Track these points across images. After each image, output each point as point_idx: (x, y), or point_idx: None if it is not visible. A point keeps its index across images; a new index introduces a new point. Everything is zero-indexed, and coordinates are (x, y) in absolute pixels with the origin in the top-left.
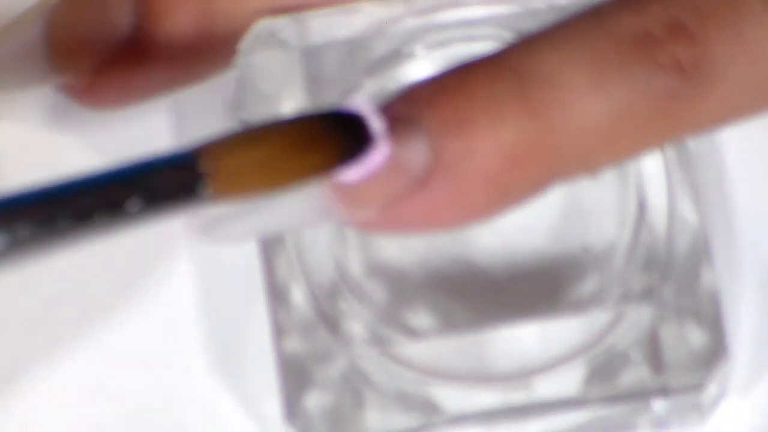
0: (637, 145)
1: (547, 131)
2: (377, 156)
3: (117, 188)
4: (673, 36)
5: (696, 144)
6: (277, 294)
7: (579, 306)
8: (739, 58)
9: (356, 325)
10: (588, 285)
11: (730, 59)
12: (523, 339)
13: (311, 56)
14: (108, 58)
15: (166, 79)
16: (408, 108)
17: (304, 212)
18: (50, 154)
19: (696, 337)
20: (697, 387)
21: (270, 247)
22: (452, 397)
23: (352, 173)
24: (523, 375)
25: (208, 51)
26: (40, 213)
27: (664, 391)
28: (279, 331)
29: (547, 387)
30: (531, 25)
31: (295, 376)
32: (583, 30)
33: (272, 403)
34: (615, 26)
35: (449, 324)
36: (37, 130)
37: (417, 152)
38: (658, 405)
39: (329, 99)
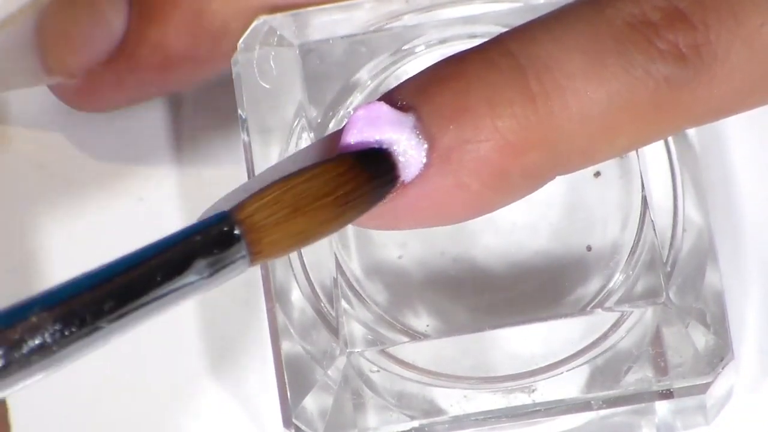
0: (637, 133)
1: (546, 118)
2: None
3: (163, 265)
4: (672, 22)
5: (701, 143)
6: (276, 294)
7: (582, 306)
8: (737, 44)
9: (356, 325)
10: (591, 285)
11: (728, 46)
12: (526, 340)
13: (311, 53)
14: (100, 60)
15: (159, 80)
16: (402, 96)
17: None
18: (47, 152)
19: (701, 337)
20: (702, 388)
21: None
22: (453, 398)
23: None
24: (525, 376)
25: (203, 52)
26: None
27: (668, 393)
28: (279, 332)
29: (549, 388)
30: None
31: (295, 377)
32: (580, 17)
33: (272, 404)
34: (612, 12)
35: (450, 324)
36: (31, 128)
37: (408, 136)
38: (662, 407)
39: (329, 96)
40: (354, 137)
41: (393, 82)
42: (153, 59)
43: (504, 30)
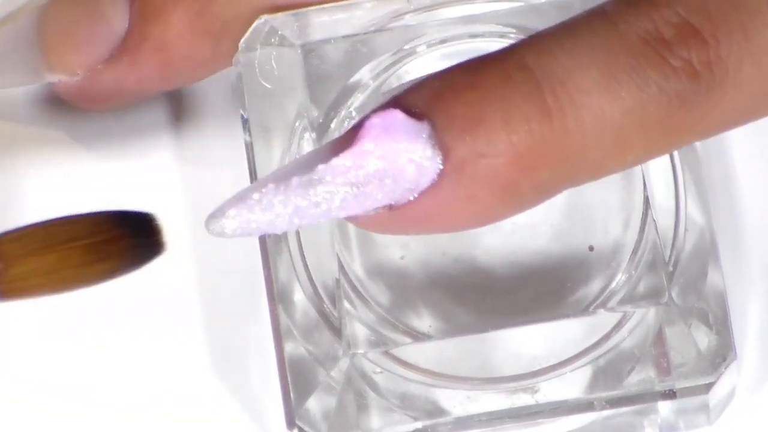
0: (647, 149)
1: (560, 134)
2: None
3: None
4: (685, 39)
5: (703, 143)
6: (279, 296)
7: (584, 307)
8: (747, 61)
9: (359, 326)
10: (593, 285)
11: (739, 62)
12: (528, 340)
13: (312, 53)
14: (102, 59)
15: (160, 79)
16: (416, 103)
17: None
18: (48, 152)
19: (703, 337)
20: (704, 388)
21: (272, 248)
22: (456, 399)
23: None
24: (528, 376)
25: (204, 51)
26: None
27: (670, 393)
28: (282, 333)
29: (552, 389)
30: (533, 21)
31: (298, 378)
32: (594, 32)
33: (275, 405)
34: (626, 28)
35: (453, 325)
36: (32, 128)
37: (423, 146)
38: (665, 407)
39: (330, 96)
40: (369, 145)
41: (395, 82)
42: (154, 58)
43: (505, 29)
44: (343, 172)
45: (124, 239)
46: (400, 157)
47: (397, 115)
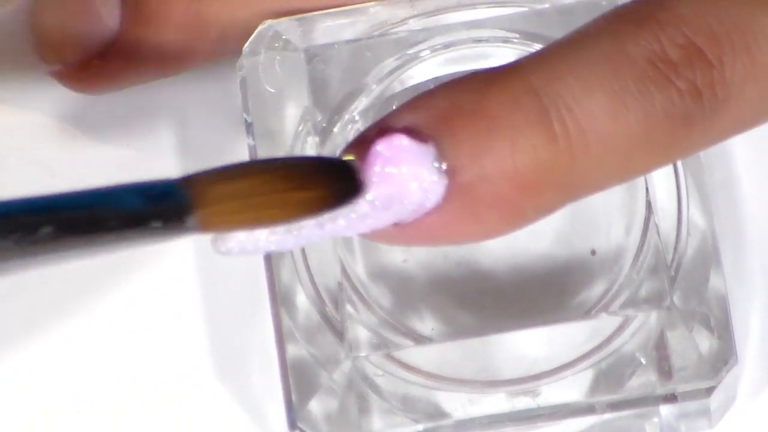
0: (647, 166)
1: (566, 159)
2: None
3: (103, 209)
4: (690, 60)
5: None
6: (281, 298)
7: (586, 310)
8: (750, 81)
9: (361, 329)
10: (595, 289)
11: (742, 83)
12: (530, 343)
13: (316, 57)
14: (95, 54)
15: (157, 75)
16: (421, 124)
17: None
18: (49, 152)
19: (704, 341)
20: (706, 392)
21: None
22: (457, 402)
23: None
24: (529, 380)
25: (200, 53)
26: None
27: (672, 397)
28: (284, 336)
29: (553, 392)
30: (537, 26)
31: (300, 381)
32: (603, 53)
33: (277, 408)
34: (634, 50)
35: (454, 328)
36: (33, 128)
37: (429, 170)
38: (666, 410)
39: (334, 100)
40: (376, 174)
41: (398, 87)
42: (150, 58)
43: (508, 34)
44: None
45: (325, 173)
46: (406, 181)
47: (402, 141)
